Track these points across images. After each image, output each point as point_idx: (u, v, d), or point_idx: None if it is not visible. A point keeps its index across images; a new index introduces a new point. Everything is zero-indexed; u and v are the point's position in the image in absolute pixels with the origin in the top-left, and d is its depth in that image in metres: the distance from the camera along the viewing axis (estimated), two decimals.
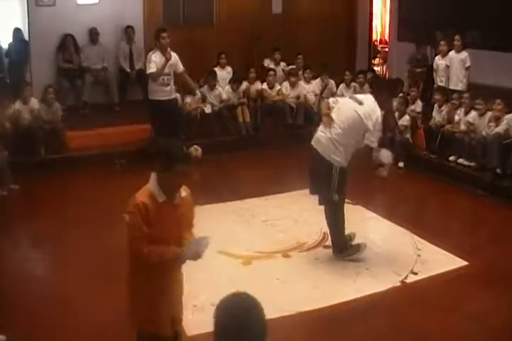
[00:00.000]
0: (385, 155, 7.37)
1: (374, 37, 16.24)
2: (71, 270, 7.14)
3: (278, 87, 13.10)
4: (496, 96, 10.25)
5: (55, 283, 6.92)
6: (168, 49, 10.65)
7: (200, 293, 6.52)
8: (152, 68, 10.50)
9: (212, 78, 12.50)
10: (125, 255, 4.64)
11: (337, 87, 13.42)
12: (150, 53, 10.71)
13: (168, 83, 10.74)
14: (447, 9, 13.70)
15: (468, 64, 11.49)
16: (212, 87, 12.45)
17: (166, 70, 10.60)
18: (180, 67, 10.90)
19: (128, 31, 13.45)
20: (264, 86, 13.05)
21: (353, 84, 13.19)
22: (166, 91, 10.75)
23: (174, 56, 10.74)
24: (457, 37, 11.64)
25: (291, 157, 11.64)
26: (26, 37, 12.75)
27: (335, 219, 7.44)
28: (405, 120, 11.26)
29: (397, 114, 11.32)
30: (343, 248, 7.44)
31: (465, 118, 10.52)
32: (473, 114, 10.44)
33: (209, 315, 6.04)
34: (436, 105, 11.27)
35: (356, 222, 8.58)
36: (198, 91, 11.82)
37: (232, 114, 12.50)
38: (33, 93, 11.16)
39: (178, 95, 11.82)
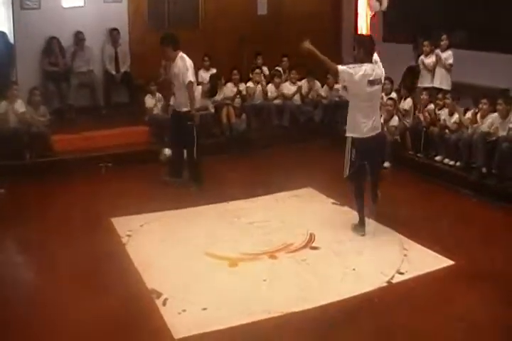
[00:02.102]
0: None
1: None
2: (55, 274, 7.11)
3: (264, 83, 13.19)
4: (481, 95, 10.29)
5: (39, 288, 6.88)
6: (179, 56, 9.96)
7: (188, 296, 6.52)
8: (193, 77, 9.98)
9: (210, 92, 12.53)
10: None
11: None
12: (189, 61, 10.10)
13: (173, 93, 10.32)
14: (432, 10, 13.74)
15: (450, 61, 11.56)
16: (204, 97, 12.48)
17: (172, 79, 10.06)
18: (186, 79, 9.82)
19: (113, 34, 13.44)
20: (249, 84, 13.09)
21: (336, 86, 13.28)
22: (174, 102, 10.37)
23: (183, 65, 9.88)
24: (444, 36, 11.70)
25: (277, 158, 11.69)
26: (12, 40, 12.71)
27: None
28: (394, 120, 11.29)
29: (385, 115, 11.34)
30: None
31: (450, 118, 10.55)
32: (457, 115, 10.50)
33: (197, 318, 6.12)
34: (420, 105, 11.30)
35: (343, 223, 8.61)
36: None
37: (218, 115, 12.52)
38: (20, 94, 11.09)
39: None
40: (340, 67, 7.71)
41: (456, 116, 10.50)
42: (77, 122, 12.35)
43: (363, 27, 16.40)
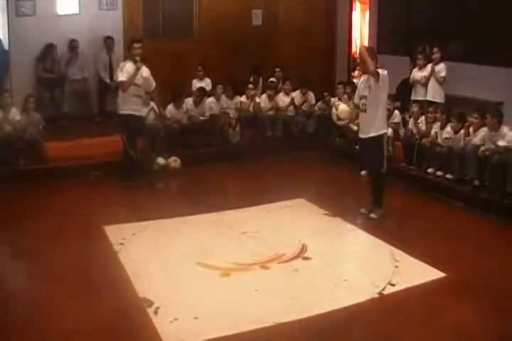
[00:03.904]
0: None
1: (353, 49, 16.27)
2: (47, 282, 7.07)
3: (257, 99, 13.17)
4: (473, 108, 10.34)
5: (30, 295, 6.86)
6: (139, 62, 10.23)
7: (180, 306, 6.51)
8: (123, 76, 10.17)
9: (200, 96, 12.58)
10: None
11: (316, 100, 13.56)
12: (122, 63, 10.53)
13: (139, 95, 10.37)
14: (426, 22, 13.80)
15: (443, 74, 11.58)
16: (196, 104, 12.51)
17: (139, 82, 10.23)
18: (153, 85, 10.51)
19: (107, 42, 13.47)
20: (243, 99, 13.10)
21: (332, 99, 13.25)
22: (136, 104, 10.42)
23: (148, 71, 10.40)
24: (436, 49, 11.73)
25: (269, 169, 11.71)
26: (6, 47, 12.72)
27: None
28: (388, 132, 11.28)
29: None
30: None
31: (442, 131, 10.59)
32: (449, 128, 10.52)
33: (189, 327, 6.11)
34: (412, 118, 11.33)
35: (335, 234, 8.67)
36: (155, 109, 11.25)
37: (213, 125, 12.54)
38: (13, 102, 11.06)
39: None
40: (379, 70, 8.74)
41: (447, 129, 10.53)
42: (70, 129, 12.34)
43: (357, 38, 16.54)
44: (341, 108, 10.94)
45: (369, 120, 8.95)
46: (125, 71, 10.19)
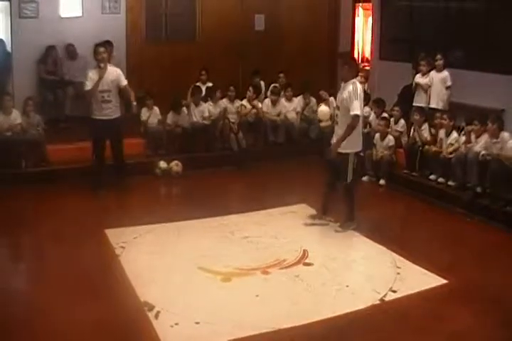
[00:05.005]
0: None
1: (356, 55, 16.25)
2: (48, 285, 7.05)
3: (259, 105, 13.14)
4: (475, 115, 10.33)
5: (31, 299, 6.80)
6: (108, 64, 10.22)
7: (181, 310, 6.49)
8: (87, 86, 10.09)
9: (197, 94, 12.51)
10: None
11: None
12: (89, 70, 10.37)
13: (109, 100, 10.21)
14: (429, 28, 13.78)
15: (449, 83, 11.53)
16: (196, 103, 12.45)
17: (105, 87, 10.10)
18: (123, 82, 10.29)
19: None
20: (244, 102, 13.08)
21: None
22: (107, 109, 10.24)
23: (116, 71, 10.28)
24: (439, 56, 11.69)
25: (272, 174, 11.70)
26: (9, 48, 12.71)
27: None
28: (391, 140, 11.30)
29: (378, 135, 11.39)
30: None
31: (447, 139, 10.57)
32: (455, 135, 10.51)
33: (189, 332, 6.07)
34: (414, 125, 11.29)
35: (337, 240, 8.63)
36: (134, 108, 10.66)
37: (214, 129, 12.53)
38: (15, 104, 11.08)
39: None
40: (358, 113, 8.41)
41: (452, 136, 10.52)
42: (72, 132, 12.28)
43: (360, 42, 16.54)
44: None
45: (339, 134, 8.67)
46: (89, 79, 10.10)
